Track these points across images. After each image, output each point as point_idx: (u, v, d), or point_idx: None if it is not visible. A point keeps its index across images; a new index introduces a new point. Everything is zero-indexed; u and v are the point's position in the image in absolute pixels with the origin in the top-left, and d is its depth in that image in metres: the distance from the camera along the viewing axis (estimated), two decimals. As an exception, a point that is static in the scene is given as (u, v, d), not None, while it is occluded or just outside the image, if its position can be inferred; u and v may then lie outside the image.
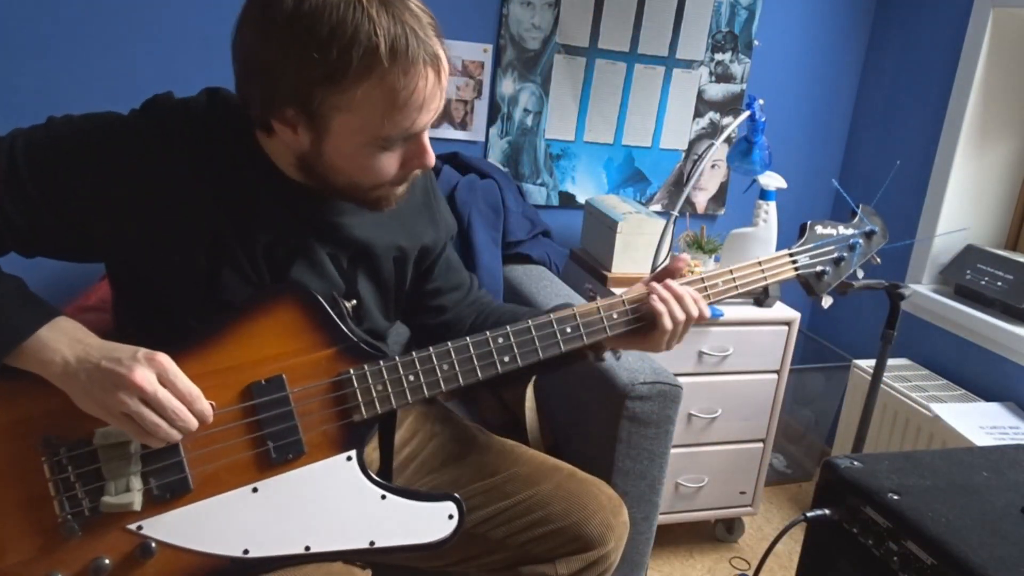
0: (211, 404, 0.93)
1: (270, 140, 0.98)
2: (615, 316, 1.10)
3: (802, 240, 1.22)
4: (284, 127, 0.93)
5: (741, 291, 1.16)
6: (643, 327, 1.11)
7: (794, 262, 1.21)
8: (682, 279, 1.13)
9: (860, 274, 1.26)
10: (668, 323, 1.08)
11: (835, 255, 1.23)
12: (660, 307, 1.08)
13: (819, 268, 1.22)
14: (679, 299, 1.09)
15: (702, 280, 1.14)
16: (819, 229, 1.23)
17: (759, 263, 1.18)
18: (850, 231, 1.25)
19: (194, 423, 0.90)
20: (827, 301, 1.26)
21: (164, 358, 0.89)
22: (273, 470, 0.98)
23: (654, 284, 1.11)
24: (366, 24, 0.86)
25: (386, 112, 0.90)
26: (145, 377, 0.86)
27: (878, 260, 1.28)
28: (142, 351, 0.88)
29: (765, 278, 1.18)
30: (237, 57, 0.93)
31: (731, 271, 1.16)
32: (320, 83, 0.88)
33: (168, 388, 0.88)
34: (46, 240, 0.97)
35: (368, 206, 1.02)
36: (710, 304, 1.14)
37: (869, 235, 1.26)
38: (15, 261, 0.99)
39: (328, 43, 0.85)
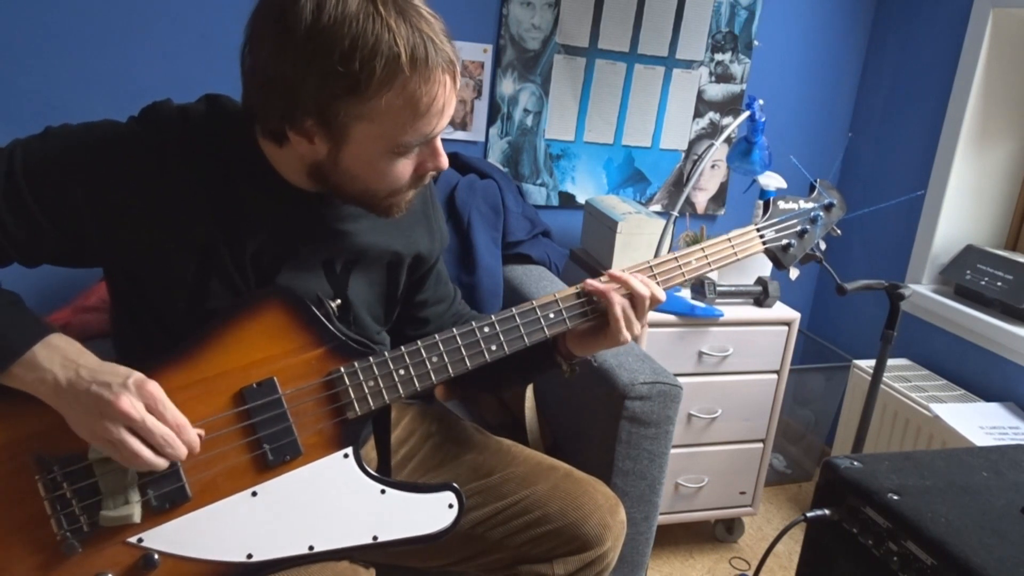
0: (199, 433, 0.92)
1: (280, 150, 0.98)
2: (595, 299, 1.12)
3: (767, 215, 1.26)
4: (300, 138, 0.93)
5: (714, 267, 1.20)
6: (601, 325, 1.12)
7: (761, 236, 1.25)
8: (653, 261, 1.16)
9: (823, 245, 1.31)
10: (618, 310, 1.09)
11: (799, 228, 1.27)
12: (611, 297, 1.09)
13: (785, 241, 1.26)
14: (624, 283, 1.10)
15: (676, 259, 1.17)
16: (782, 204, 1.28)
17: (729, 239, 1.22)
18: (811, 204, 1.29)
19: (183, 451, 0.89)
20: (794, 273, 1.33)
21: (154, 387, 0.88)
22: (271, 472, 0.98)
23: (595, 280, 1.12)
24: (386, 34, 0.86)
25: (408, 119, 0.91)
26: (132, 405, 0.85)
27: (838, 231, 1.33)
28: (133, 377, 0.88)
29: (735, 253, 1.22)
30: (251, 71, 0.92)
31: (703, 248, 1.19)
32: (343, 94, 0.88)
33: (156, 417, 0.87)
34: (44, 249, 0.97)
35: (379, 212, 1.03)
36: (684, 283, 1.17)
37: (828, 208, 1.30)
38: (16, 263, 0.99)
39: (350, 54, 0.86)
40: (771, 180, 2.14)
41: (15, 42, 1.83)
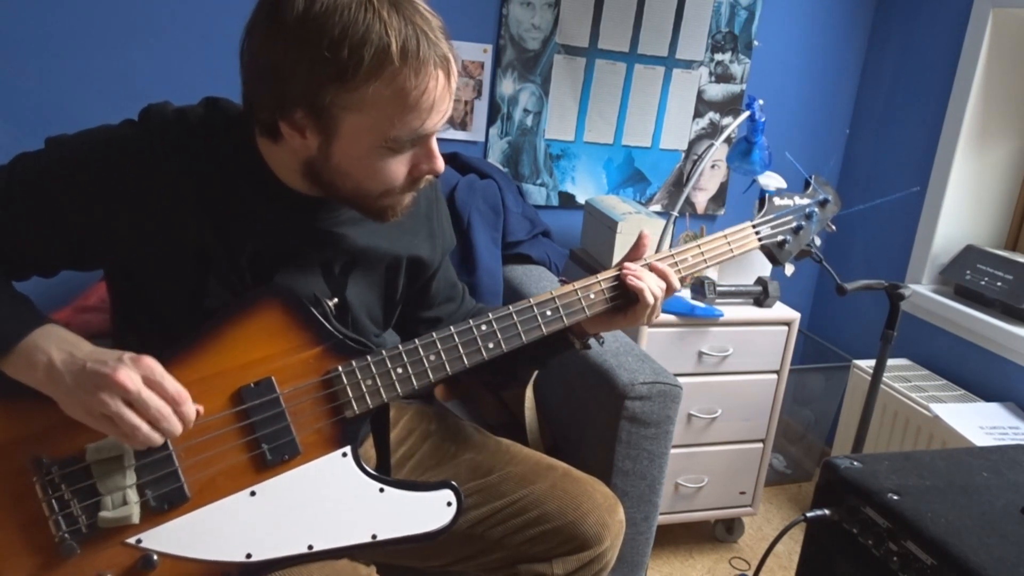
0: (198, 409, 0.92)
1: (275, 147, 0.97)
2: (592, 296, 1.12)
3: (762, 212, 1.27)
4: (292, 131, 0.92)
5: (710, 263, 1.21)
6: (623, 305, 1.14)
7: (757, 233, 1.25)
8: (654, 257, 1.17)
9: (818, 241, 1.32)
10: (650, 297, 1.11)
11: (794, 224, 1.28)
12: (639, 284, 1.11)
13: (780, 237, 1.27)
14: (664, 277, 1.14)
15: (672, 256, 1.18)
16: (777, 201, 1.28)
17: (725, 236, 1.23)
18: (805, 201, 1.30)
19: (178, 426, 0.89)
20: (790, 269, 1.35)
21: (151, 360, 0.88)
22: (270, 472, 0.97)
23: (627, 264, 1.14)
24: (377, 24, 0.86)
25: (396, 112, 0.91)
26: (129, 377, 0.85)
27: (833, 227, 1.33)
28: (129, 353, 0.88)
29: (731, 250, 1.22)
30: (245, 62, 0.93)
31: (699, 245, 1.20)
32: (331, 82, 0.88)
33: (154, 390, 0.87)
34: (48, 256, 0.98)
35: (373, 215, 1.02)
36: (685, 281, 1.19)
37: (823, 204, 1.31)
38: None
39: (339, 42, 0.86)
40: (771, 180, 2.14)
41: (15, 42, 1.83)
